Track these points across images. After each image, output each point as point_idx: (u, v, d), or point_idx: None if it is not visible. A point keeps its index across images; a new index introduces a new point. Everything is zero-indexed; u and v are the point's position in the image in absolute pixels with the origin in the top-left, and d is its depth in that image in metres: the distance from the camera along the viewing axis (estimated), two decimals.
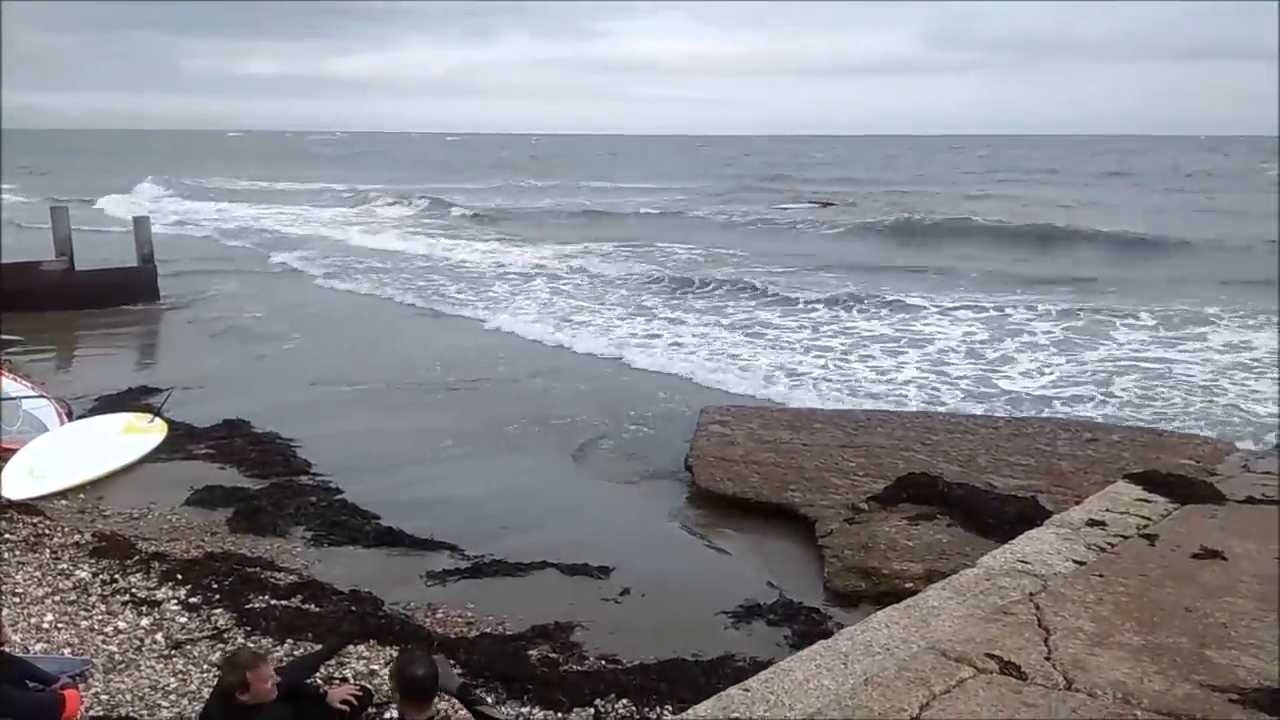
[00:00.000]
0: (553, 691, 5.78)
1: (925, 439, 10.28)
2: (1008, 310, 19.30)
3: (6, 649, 5.08)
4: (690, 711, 3.54)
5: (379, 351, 15.96)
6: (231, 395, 12.62)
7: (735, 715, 3.47)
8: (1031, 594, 4.97)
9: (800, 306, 20.12)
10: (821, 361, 15.58)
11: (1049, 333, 17.38)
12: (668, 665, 6.15)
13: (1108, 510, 6.63)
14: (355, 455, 10.48)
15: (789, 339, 17.29)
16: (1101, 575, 5.27)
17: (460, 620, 6.83)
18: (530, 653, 6.34)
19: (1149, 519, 6.48)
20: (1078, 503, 7.34)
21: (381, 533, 8.35)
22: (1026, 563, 5.45)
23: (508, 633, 6.64)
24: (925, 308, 19.60)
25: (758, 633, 6.86)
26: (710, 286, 22.59)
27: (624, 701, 5.70)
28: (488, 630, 6.68)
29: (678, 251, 29.85)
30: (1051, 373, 14.70)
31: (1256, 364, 14.99)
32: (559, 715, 5.58)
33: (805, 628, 6.85)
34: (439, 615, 6.90)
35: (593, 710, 5.61)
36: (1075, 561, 5.51)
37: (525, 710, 5.61)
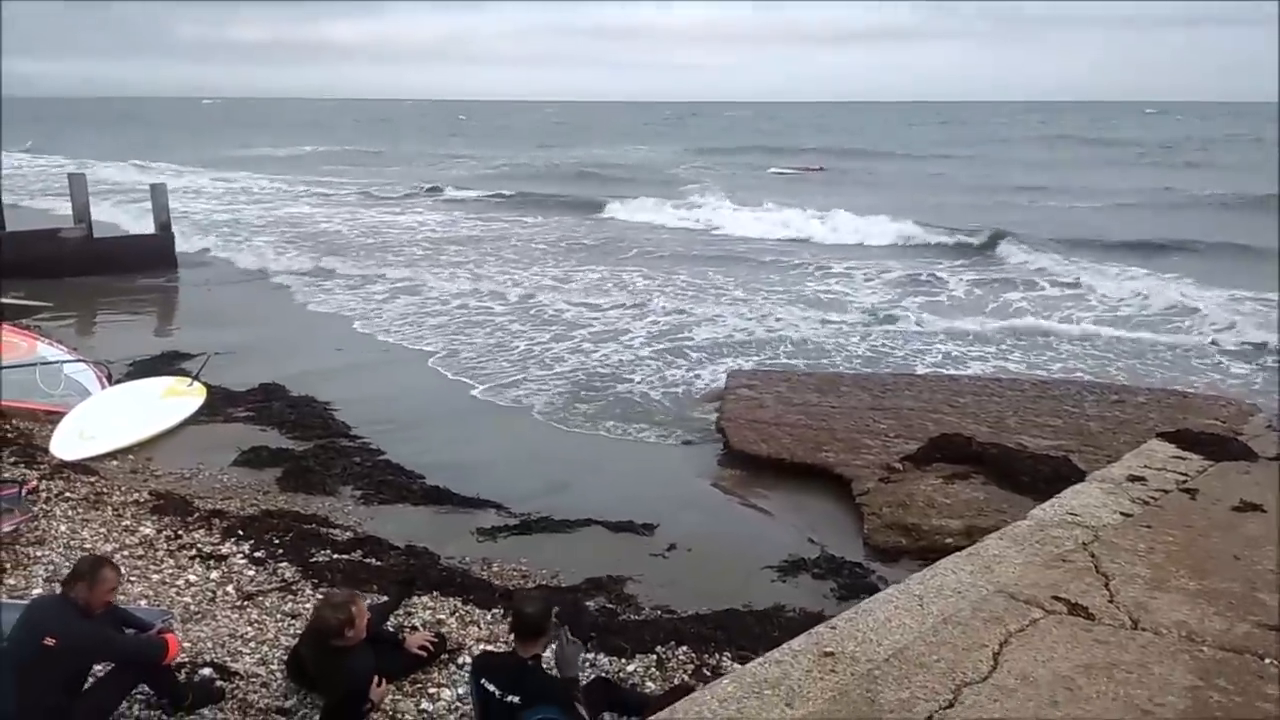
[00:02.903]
0: (615, 639, 5.99)
1: (953, 401, 10.47)
2: None
3: None
4: (785, 645, 3.73)
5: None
6: (260, 360, 12.79)
7: (829, 649, 3.67)
8: (1084, 543, 5.15)
9: None
10: None
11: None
12: (722, 615, 6.36)
13: (1146, 467, 6.81)
14: (387, 418, 10.69)
15: None
16: (1149, 526, 5.46)
17: (516, 573, 7.05)
18: (587, 603, 6.55)
19: (1186, 475, 6.66)
20: (1109, 462, 7.54)
21: (428, 491, 8.56)
22: (1075, 515, 5.63)
23: (563, 584, 6.85)
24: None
25: (804, 585, 7.08)
26: None
27: (684, 649, 5.91)
28: (543, 583, 6.90)
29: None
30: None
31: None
32: (623, 661, 5.79)
33: (850, 581, 7.08)
34: (494, 568, 7.12)
35: (655, 657, 5.82)
36: (1122, 514, 5.69)
37: (590, 656, 5.81)
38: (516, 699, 4.14)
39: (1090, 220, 29.37)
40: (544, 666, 4.37)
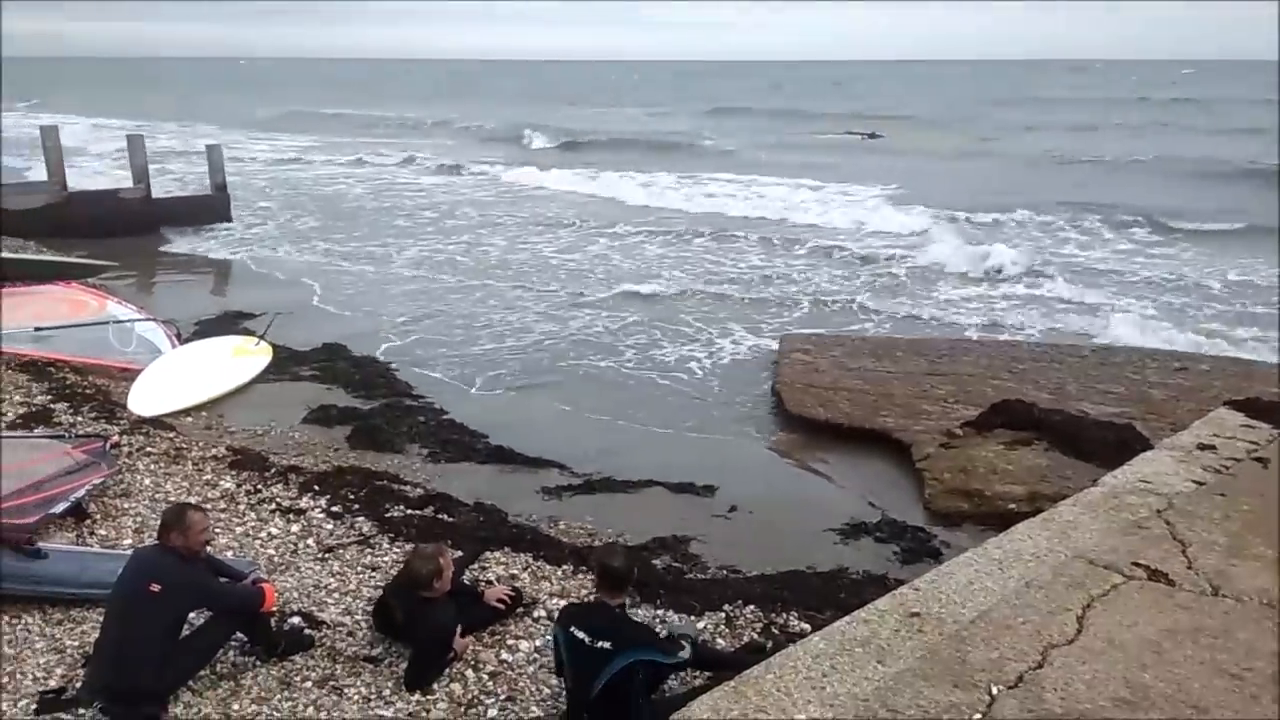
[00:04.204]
0: (683, 597, 6.12)
1: (1012, 367, 10.43)
2: None
3: None
4: (871, 606, 3.83)
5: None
6: (317, 319, 13.05)
7: (915, 610, 3.76)
8: (1159, 511, 5.17)
9: None
10: None
11: None
12: (787, 575, 6.47)
13: (1215, 435, 6.77)
14: (443, 379, 10.91)
15: None
16: (1223, 495, 5.45)
17: (582, 531, 7.22)
18: (654, 562, 6.69)
19: (1256, 444, 6.62)
20: (1174, 430, 7.50)
21: (492, 450, 8.75)
22: (1148, 482, 5.64)
23: (629, 544, 6.97)
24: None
25: (866, 548, 7.17)
26: None
27: (751, 608, 6.01)
28: (609, 541, 7.04)
29: None
30: None
31: None
32: (692, 619, 5.92)
33: (912, 545, 7.17)
34: (561, 526, 7.29)
35: (724, 614, 5.94)
36: (1194, 482, 5.69)
37: (659, 613, 5.95)
38: (608, 644, 4.30)
39: (1127, 187, 28.25)
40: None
